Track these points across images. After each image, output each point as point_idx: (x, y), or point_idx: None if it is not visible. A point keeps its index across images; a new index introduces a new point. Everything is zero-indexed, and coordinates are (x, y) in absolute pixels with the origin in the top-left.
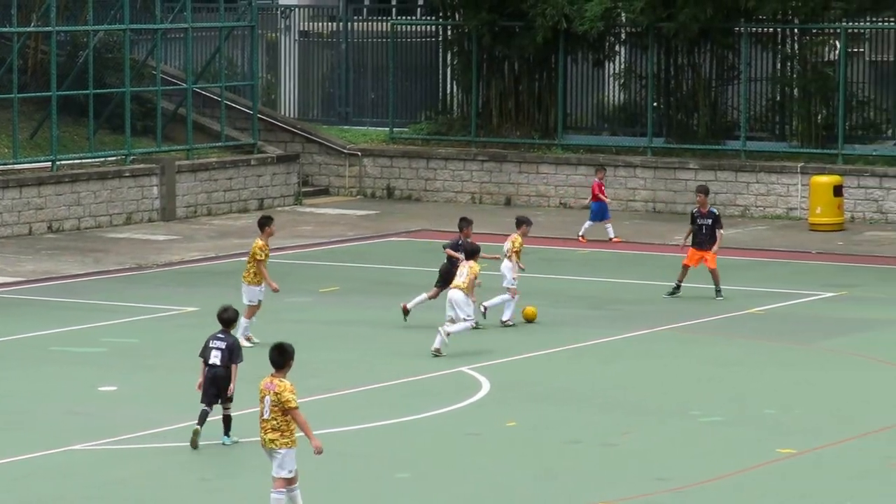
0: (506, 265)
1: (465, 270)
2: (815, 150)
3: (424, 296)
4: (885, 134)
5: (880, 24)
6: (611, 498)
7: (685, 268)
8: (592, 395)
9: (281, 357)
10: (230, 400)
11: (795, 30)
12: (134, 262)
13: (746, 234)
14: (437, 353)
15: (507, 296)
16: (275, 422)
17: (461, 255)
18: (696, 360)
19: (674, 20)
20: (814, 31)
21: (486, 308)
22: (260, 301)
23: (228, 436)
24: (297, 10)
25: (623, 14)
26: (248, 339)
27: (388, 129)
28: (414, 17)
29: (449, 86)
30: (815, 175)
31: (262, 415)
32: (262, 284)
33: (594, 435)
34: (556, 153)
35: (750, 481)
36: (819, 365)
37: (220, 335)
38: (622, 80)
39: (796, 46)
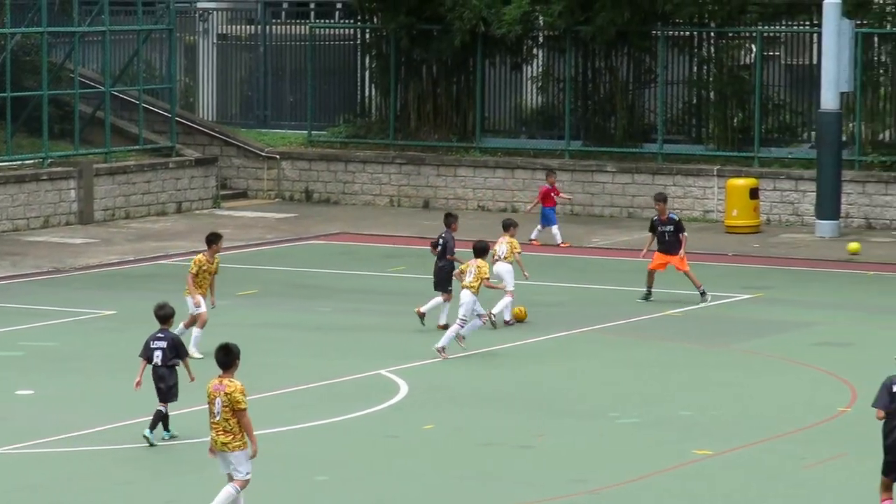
0: (504, 268)
1: (473, 269)
2: (731, 153)
3: (438, 299)
4: (800, 137)
5: (796, 27)
6: (528, 500)
7: (651, 272)
8: (510, 398)
9: (227, 357)
10: (174, 399)
11: (712, 33)
12: (52, 265)
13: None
14: (441, 353)
15: (508, 299)
16: (227, 423)
17: (458, 259)
18: (613, 362)
19: (591, 24)
20: (730, 34)
21: (493, 316)
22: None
23: (152, 431)
24: (215, 13)
25: (541, 17)
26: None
27: (306, 132)
28: (332, 21)
29: (367, 89)
30: (732, 178)
31: (213, 416)
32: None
33: (511, 437)
34: (474, 156)
35: (667, 482)
36: (735, 366)
37: (159, 334)
38: (540, 84)
39: (713, 50)
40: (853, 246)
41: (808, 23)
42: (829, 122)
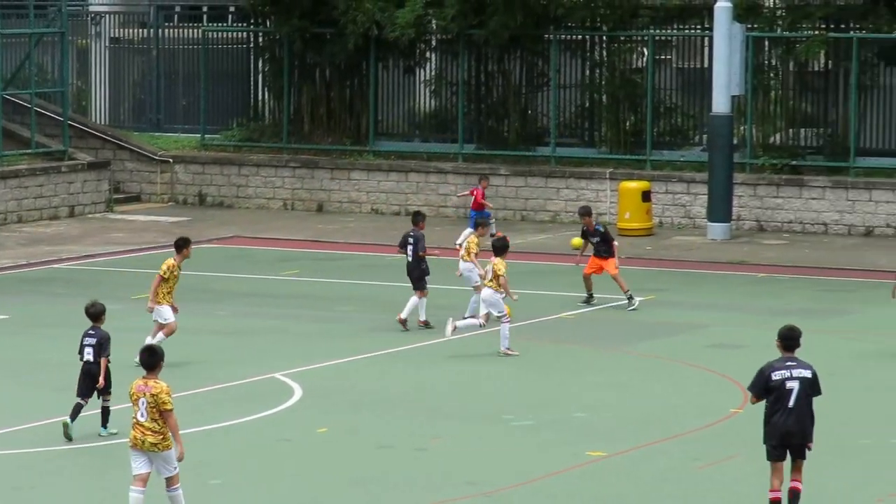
0: (466, 266)
1: (490, 268)
2: (623, 156)
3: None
4: (692, 140)
5: (687, 31)
6: (422, 503)
7: (587, 277)
8: (404, 401)
9: (152, 358)
10: (109, 392)
11: (604, 37)
12: None
13: (557, 239)
14: (509, 353)
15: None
16: (155, 424)
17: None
18: (507, 365)
19: (484, 27)
20: (622, 38)
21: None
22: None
23: (106, 427)
24: (107, 16)
25: (434, 21)
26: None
27: (199, 135)
28: (225, 24)
29: (260, 92)
30: (624, 181)
31: (137, 417)
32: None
33: (406, 440)
34: (367, 159)
35: (561, 484)
36: (628, 368)
37: (90, 332)
38: (433, 87)
39: (605, 54)
40: (576, 241)
41: (699, 27)
42: (721, 125)
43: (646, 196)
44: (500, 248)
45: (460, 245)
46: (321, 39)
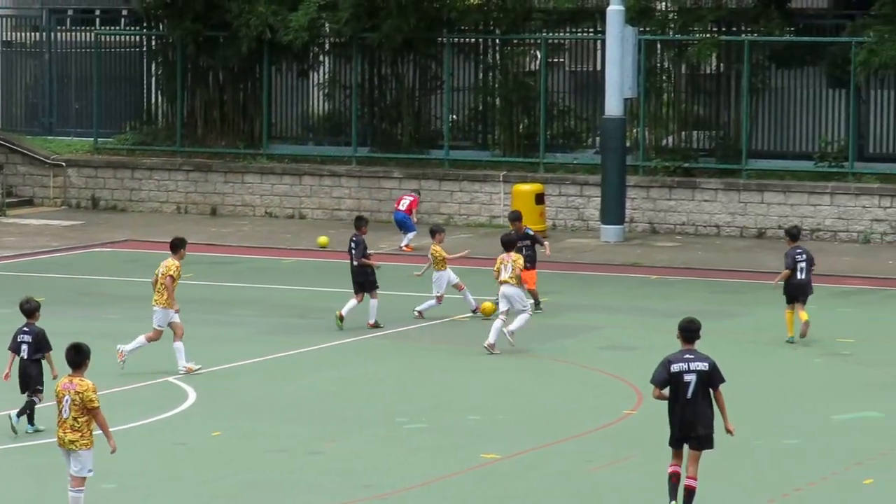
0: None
1: (511, 264)
2: (517, 159)
3: (353, 302)
4: (585, 142)
5: (580, 34)
6: None
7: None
8: (299, 404)
9: (78, 356)
10: (41, 391)
11: (497, 40)
12: None
13: (450, 241)
14: (491, 350)
15: (433, 301)
16: (75, 422)
17: (374, 263)
18: (401, 367)
19: (378, 31)
20: (515, 41)
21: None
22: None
23: (32, 424)
24: None
25: (327, 25)
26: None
27: (92, 139)
28: (118, 28)
29: (154, 96)
30: (518, 183)
31: (61, 415)
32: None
33: (300, 443)
34: (261, 163)
35: (455, 486)
36: (522, 370)
37: (25, 328)
38: (327, 90)
39: (498, 57)
40: (322, 240)
41: (591, 30)
42: (614, 127)
43: (539, 199)
44: (509, 243)
45: (407, 245)
46: (214, 43)
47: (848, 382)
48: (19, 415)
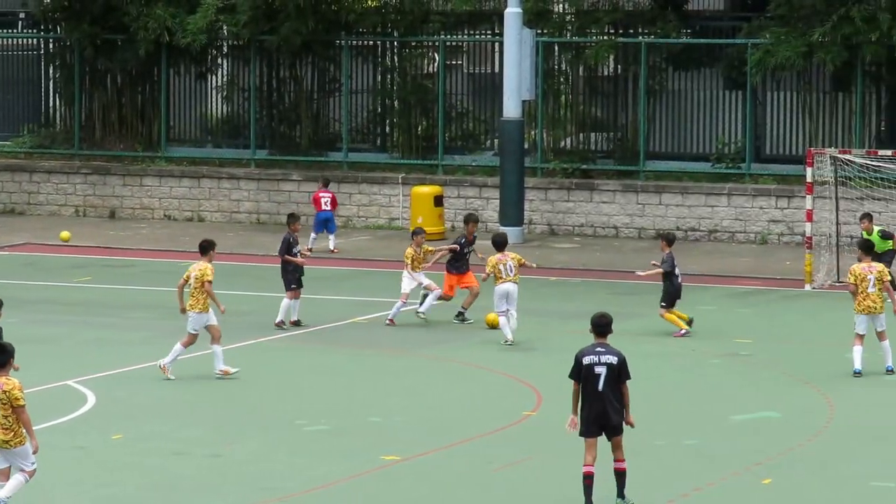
0: (404, 274)
1: (510, 263)
2: (415, 161)
3: (287, 302)
4: (483, 144)
5: (478, 37)
6: None
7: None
8: (199, 406)
9: (2, 356)
10: None
11: (395, 43)
12: None
13: (350, 243)
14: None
15: (399, 303)
16: (6, 421)
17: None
18: (301, 370)
19: (276, 33)
20: (413, 43)
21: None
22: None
23: None
24: None
25: (225, 27)
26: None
27: None
28: (15, 31)
29: (52, 98)
30: (416, 185)
31: None
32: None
33: (200, 446)
34: (159, 165)
35: (356, 488)
36: (422, 372)
37: None
38: (225, 93)
39: (396, 59)
40: (63, 235)
41: (489, 32)
42: (512, 129)
43: (438, 201)
44: (502, 243)
45: (335, 248)
46: (112, 45)
47: (746, 383)
48: None
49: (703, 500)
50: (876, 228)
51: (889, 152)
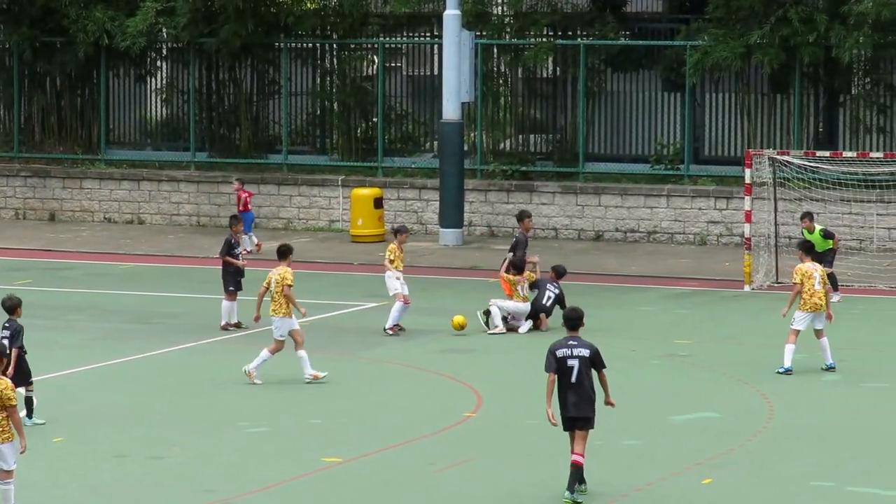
0: (388, 275)
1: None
2: (355, 163)
3: (226, 304)
4: (423, 147)
5: (417, 39)
6: None
7: None
8: (138, 410)
9: None
10: (31, 382)
11: (334, 45)
12: None
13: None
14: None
15: (399, 304)
16: None
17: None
18: (240, 372)
19: (216, 36)
20: (352, 46)
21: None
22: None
23: (31, 418)
24: None
25: (165, 30)
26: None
27: None
28: None
29: None
30: (356, 188)
31: None
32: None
33: (141, 449)
34: (99, 168)
35: (298, 490)
36: (362, 375)
37: (6, 324)
38: (164, 96)
39: (335, 61)
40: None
41: (429, 34)
42: (451, 131)
43: (378, 203)
44: (522, 265)
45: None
46: (51, 48)
47: (686, 383)
48: (29, 416)
49: (644, 500)
50: (818, 227)
51: (827, 153)
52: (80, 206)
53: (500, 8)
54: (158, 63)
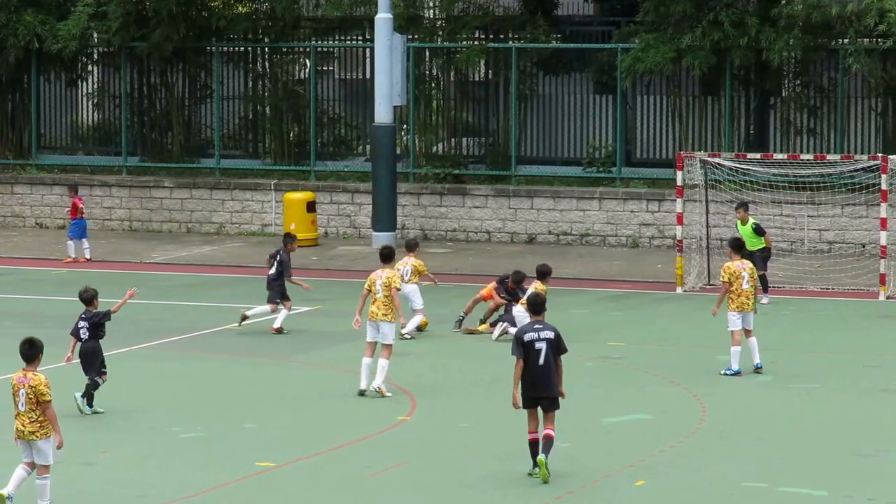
0: (410, 288)
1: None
2: (288, 167)
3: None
4: (355, 150)
5: (349, 42)
6: None
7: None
8: (69, 415)
9: (31, 350)
10: (104, 372)
11: (266, 49)
12: None
13: (222, 250)
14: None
15: (419, 317)
16: (32, 414)
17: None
18: (174, 377)
19: (147, 40)
20: (284, 49)
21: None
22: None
23: (86, 401)
24: None
25: (96, 34)
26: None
27: None
28: None
29: None
30: (289, 191)
31: (18, 408)
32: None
33: (73, 454)
34: (31, 173)
35: (230, 495)
36: (296, 379)
37: (83, 315)
38: (96, 100)
39: (267, 65)
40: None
41: (361, 38)
42: (383, 135)
43: (310, 207)
44: (545, 273)
45: (84, 258)
46: None
47: (619, 385)
48: (83, 396)
49: (575, 502)
50: (751, 220)
51: (758, 155)
52: (11, 211)
53: (431, 11)
54: (90, 67)
